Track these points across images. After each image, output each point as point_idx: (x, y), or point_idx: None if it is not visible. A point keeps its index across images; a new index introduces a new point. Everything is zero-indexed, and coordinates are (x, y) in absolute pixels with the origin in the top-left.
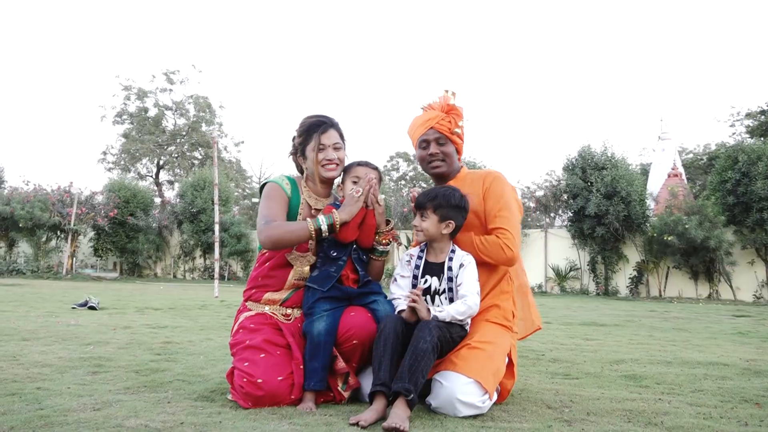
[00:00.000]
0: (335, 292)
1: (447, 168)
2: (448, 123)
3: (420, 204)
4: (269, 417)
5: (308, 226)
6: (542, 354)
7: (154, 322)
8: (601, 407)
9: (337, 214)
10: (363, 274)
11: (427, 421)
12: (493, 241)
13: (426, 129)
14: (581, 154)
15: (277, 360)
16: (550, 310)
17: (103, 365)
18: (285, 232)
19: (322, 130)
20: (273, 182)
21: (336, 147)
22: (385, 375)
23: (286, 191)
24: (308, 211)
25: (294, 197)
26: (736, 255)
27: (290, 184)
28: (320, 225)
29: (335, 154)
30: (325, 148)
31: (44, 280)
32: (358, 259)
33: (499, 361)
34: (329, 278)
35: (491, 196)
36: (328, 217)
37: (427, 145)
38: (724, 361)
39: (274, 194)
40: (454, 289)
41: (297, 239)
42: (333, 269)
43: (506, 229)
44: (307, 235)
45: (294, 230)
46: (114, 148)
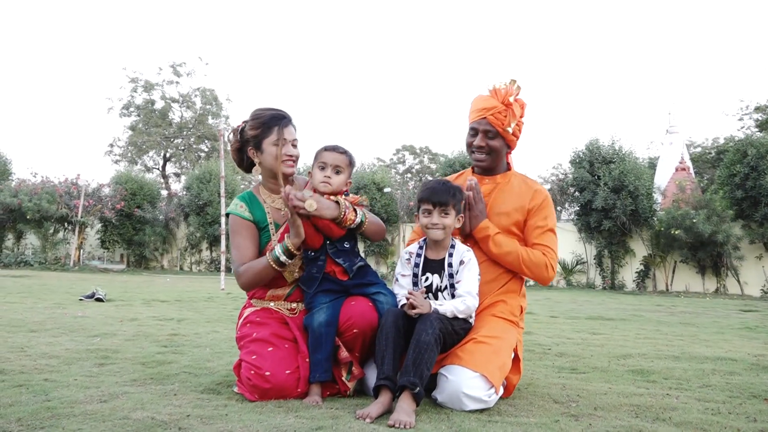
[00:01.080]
0: (330, 285)
1: (491, 163)
2: (503, 117)
3: (442, 201)
4: (275, 410)
5: (268, 261)
6: (549, 348)
7: (161, 315)
8: (608, 402)
9: (288, 240)
10: (348, 264)
11: (434, 415)
12: (539, 257)
13: (479, 117)
14: (589, 148)
15: (285, 353)
16: (556, 303)
17: (110, 357)
18: (254, 275)
19: (284, 124)
20: (231, 214)
21: (294, 143)
22: (389, 369)
23: (246, 217)
24: (278, 214)
25: (257, 214)
26: (744, 249)
27: (246, 205)
28: (278, 256)
29: (294, 151)
30: (285, 143)
31: (52, 271)
32: (336, 252)
33: (505, 355)
34: (312, 279)
35: (541, 212)
36: (281, 245)
37: (475, 134)
38: (732, 356)
39: (236, 228)
40: (455, 286)
41: (266, 275)
42: (314, 270)
43: (552, 248)
44: (273, 269)
45: (259, 270)
46: (121, 141)
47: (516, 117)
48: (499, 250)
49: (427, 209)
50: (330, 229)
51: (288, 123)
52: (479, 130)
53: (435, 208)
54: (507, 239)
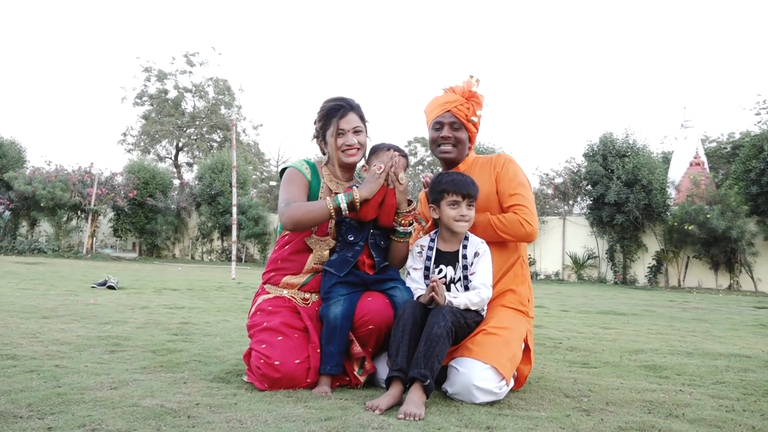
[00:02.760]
0: (352, 278)
1: (456, 154)
2: (466, 109)
3: (472, 195)
4: (285, 400)
5: (327, 204)
6: (560, 342)
7: (172, 303)
8: (620, 397)
9: (356, 191)
10: (379, 260)
11: (444, 408)
12: (511, 218)
13: (443, 111)
14: (603, 141)
15: (295, 343)
16: (567, 298)
17: (121, 344)
18: (306, 212)
19: (341, 114)
20: (292, 167)
21: (356, 131)
22: (402, 361)
23: (305, 175)
24: (329, 194)
25: (314, 181)
26: (759, 246)
27: (310, 169)
28: (339, 203)
29: (355, 139)
30: (344, 133)
31: (65, 259)
32: (374, 244)
33: (516, 346)
34: (346, 263)
35: (504, 177)
36: (347, 195)
37: (441, 127)
38: (746, 353)
39: (294, 178)
40: (469, 278)
41: (317, 218)
42: (350, 254)
43: (523, 205)
44: (327, 213)
45: (314, 209)
46: (134, 130)
47: (479, 107)
48: (474, 230)
49: (455, 201)
50: (389, 212)
51: (347, 111)
52: (444, 123)
53: (464, 200)
54: (477, 215)
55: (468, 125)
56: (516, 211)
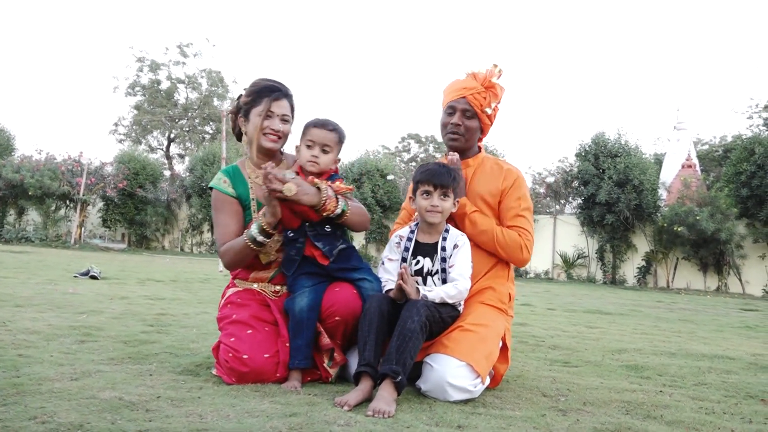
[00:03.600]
0: (312, 268)
1: (464, 143)
2: (482, 98)
3: (444, 184)
4: (251, 394)
5: (246, 242)
6: (542, 340)
7: (153, 294)
8: (598, 397)
9: (262, 218)
10: (329, 248)
11: (416, 405)
12: (514, 238)
13: (458, 96)
14: (595, 141)
15: (264, 336)
16: (555, 296)
17: (92, 334)
18: (234, 255)
19: (276, 96)
20: (214, 188)
21: (284, 119)
22: (370, 355)
23: (229, 193)
24: (262, 192)
25: (240, 189)
26: (747, 248)
27: (229, 179)
28: (254, 236)
29: (281, 126)
30: (272, 117)
31: (52, 248)
32: (316, 235)
33: (492, 344)
34: (291, 262)
35: (514, 193)
36: (256, 224)
37: (453, 113)
38: (730, 354)
39: (218, 204)
40: (447, 270)
41: (247, 255)
42: (293, 252)
43: (528, 231)
44: (251, 249)
45: (239, 250)
46: (126, 120)
47: (496, 99)
48: (474, 228)
49: (426, 191)
50: (307, 214)
51: (281, 96)
52: (457, 109)
53: (435, 190)
54: (483, 218)
55: (482, 116)
56: (521, 234)
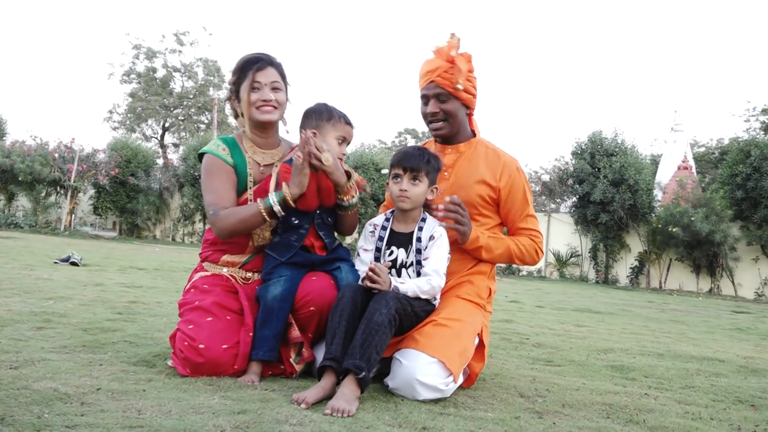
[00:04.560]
0: (298, 259)
1: (450, 129)
2: (450, 76)
3: (414, 167)
4: (203, 388)
5: (259, 208)
6: (527, 338)
7: (131, 282)
8: (579, 399)
9: (287, 189)
10: (329, 241)
11: (380, 404)
12: (529, 246)
13: (426, 82)
14: (591, 139)
15: (225, 325)
16: (546, 294)
17: (52, 321)
18: (237, 222)
19: (258, 67)
20: (209, 153)
21: (274, 87)
22: (337, 349)
23: (225, 159)
24: (258, 169)
25: (238, 160)
26: (741, 251)
27: (228, 148)
28: (271, 205)
29: (272, 95)
30: (260, 87)
31: (41, 235)
32: (321, 224)
33: (467, 340)
34: (289, 247)
35: (515, 191)
36: (278, 193)
37: (427, 101)
38: (720, 356)
39: (214, 169)
40: (422, 263)
41: (253, 225)
42: (294, 238)
43: (539, 232)
44: (261, 218)
45: (246, 218)
46: (120, 108)
47: (463, 72)
48: (491, 255)
49: (396, 174)
50: (329, 194)
51: (265, 65)
52: (430, 96)
53: (405, 173)
54: (496, 241)
55: (457, 93)
56: (533, 238)
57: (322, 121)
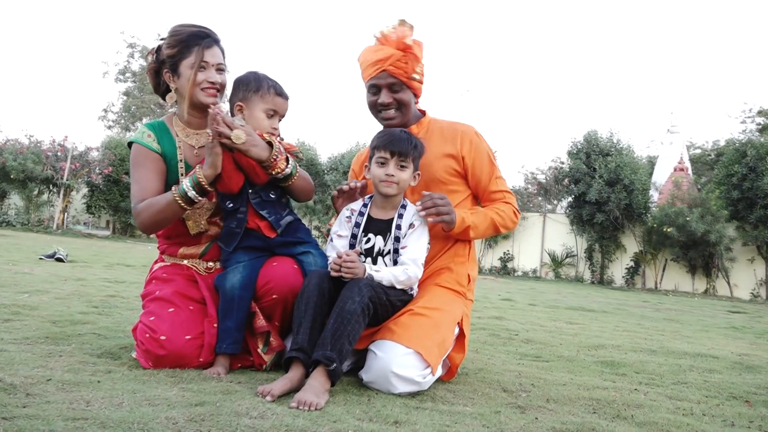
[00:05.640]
0: (253, 242)
1: (402, 118)
2: (404, 64)
3: (402, 151)
4: (165, 380)
5: (174, 198)
6: (516, 333)
7: (114, 277)
8: (564, 394)
9: (199, 171)
10: (275, 218)
11: (352, 397)
12: (507, 210)
13: (377, 71)
14: (587, 139)
15: (188, 316)
16: (540, 293)
17: (21, 313)
18: (154, 213)
19: (207, 44)
20: (135, 143)
21: (219, 69)
22: (304, 339)
23: (151, 147)
24: (191, 152)
25: (166, 146)
26: (737, 251)
27: (154, 134)
28: (185, 191)
29: (218, 77)
30: (207, 68)
31: (33, 233)
32: (261, 202)
33: (447, 331)
34: (232, 236)
35: (479, 156)
36: (191, 177)
37: (378, 91)
38: (714, 353)
39: (139, 159)
40: (399, 252)
41: (172, 215)
42: (234, 224)
43: (510, 193)
44: (179, 207)
45: (162, 208)
46: (115, 106)
47: (419, 60)
48: (478, 231)
49: (382, 158)
50: (254, 171)
51: (212, 43)
52: (382, 86)
53: (392, 157)
54: (478, 216)
55: (411, 83)
56: (508, 201)
57: (249, 92)
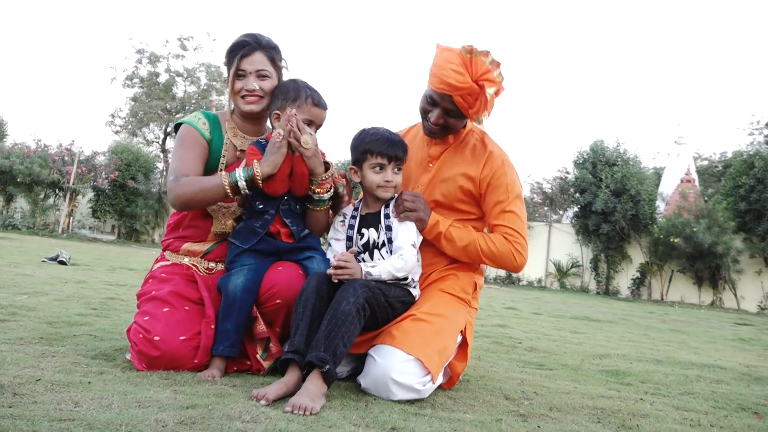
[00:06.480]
0: (264, 246)
1: (443, 135)
2: (473, 101)
3: (399, 156)
4: (158, 382)
5: (223, 181)
6: (520, 342)
7: (116, 281)
8: (568, 402)
9: (258, 166)
10: (297, 229)
11: (350, 402)
12: (502, 246)
13: (443, 92)
14: (593, 149)
15: (183, 316)
16: (545, 303)
17: (18, 314)
18: (197, 191)
19: (245, 52)
20: (187, 124)
21: (261, 75)
22: (300, 341)
23: (202, 133)
24: (233, 153)
25: (215, 138)
26: (744, 263)
27: (208, 123)
28: (237, 180)
29: (257, 84)
30: (245, 75)
31: (39, 237)
32: (288, 210)
33: (449, 338)
34: (253, 234)
35: (499, 184)
36: (247, 169)
37: (434, 105)
38: (722, 364)
39: (188, 140)
40: (392, 239)
41: (212, 198)
42: (258, 224)
43: (517, 231)
44: (222, 191)
45: (207, 187)
46: (123, 111)
47: (488, 108)
48: (453, 246)
49: (379, 164)
50: (301, 182)
51: (251, 51)
52: (439, 104)
53: (390, 163)
54: (461, 231)
55: (468, 114)
56: (507, 237)
57: (288, 100)
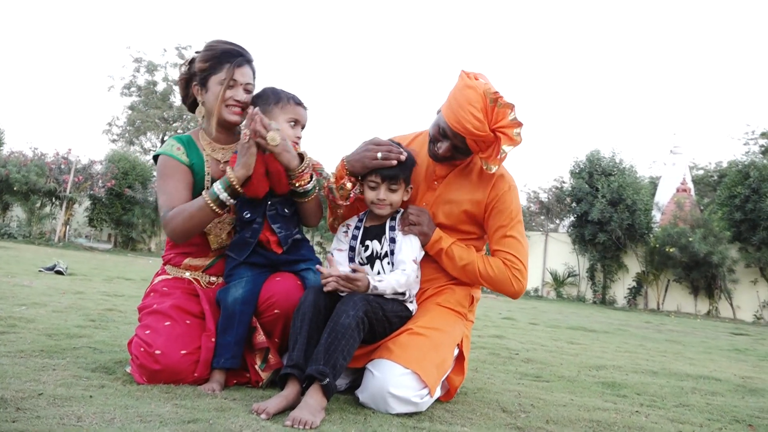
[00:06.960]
0: (257, 258)
1: (449, 162)
2: (485, 147)
3: (392, 176)
4: (159, 396)
5: (206, 200)
6: (516, 353)
7: (114, 291)
8: (565, 415)
9: (231, 172)
10: (284, 235)
11: (349, 416)
12: (501, 271)
13: (457, 129)
14: (589, 159)
15: (184, 330)
16: (541, 313)
17: (17, 326)
18: (186, 218)
19: (239, 63)
20: (163, 155)
21: (247, 88)
22: (299, 355)
23: (180, 159)
24: (217, 167)
25: (194, 159)
26: (739, 273)
27: (183, 147)
28: (217, 194)
29: (244, 96)
30: (236, 86)
31: (35, 245)
32: (276, 215)
33: (446, 351)
34: (246, 245)
35: (503, 208)
36: (223, 180)
37: (444, 137)
38: (717, 376)
39: (168, 171)
40: (395, 252)
41: (202, 220)
42: (248, 234)
43: (517, 258)
44: (209, 210)
45: (194, 211)
46: (120, 120)
47: (500, 160)
48: (454, 264)
49: (373, 182)
50: (279, 179)
51: (244, 62)
52: (450, 139)
53: (383, 182)
54: (463, 250)
55: (476, 152)
56: (506, 262)
57: (269, 105)
